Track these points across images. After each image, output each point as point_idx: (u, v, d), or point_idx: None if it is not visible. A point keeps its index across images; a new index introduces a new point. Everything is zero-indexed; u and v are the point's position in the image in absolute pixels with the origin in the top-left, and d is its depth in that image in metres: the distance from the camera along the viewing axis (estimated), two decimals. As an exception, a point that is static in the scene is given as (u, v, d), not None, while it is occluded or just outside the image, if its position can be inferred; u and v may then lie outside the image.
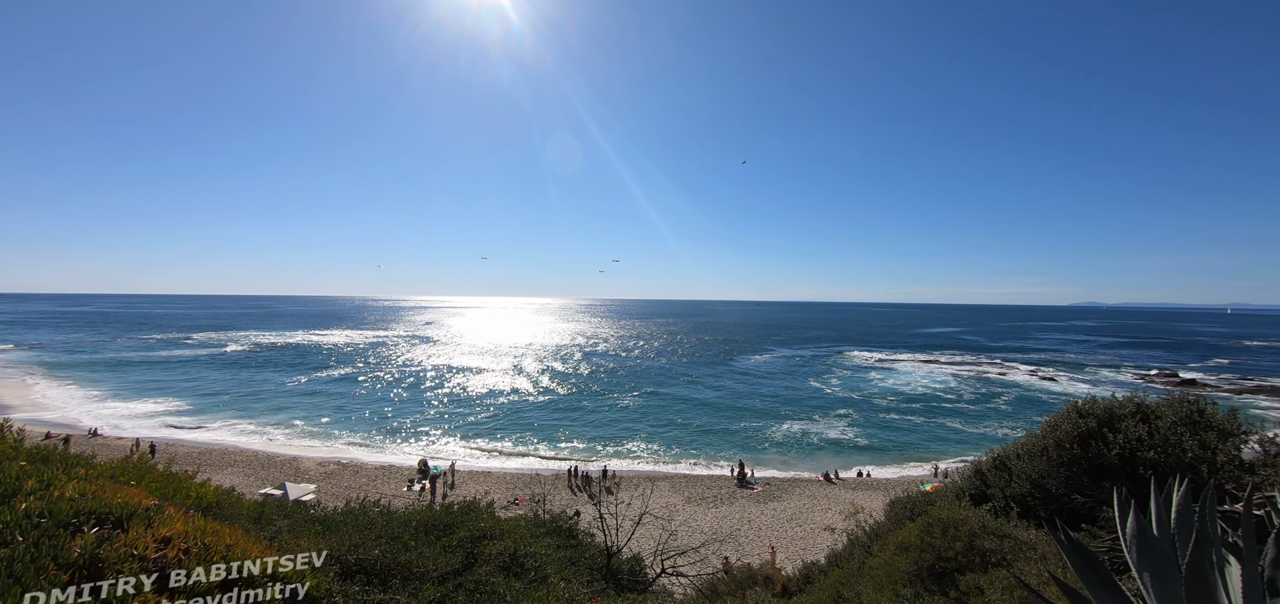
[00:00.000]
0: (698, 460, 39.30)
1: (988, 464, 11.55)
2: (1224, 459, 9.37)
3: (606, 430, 46.74)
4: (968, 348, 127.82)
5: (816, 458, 39.73)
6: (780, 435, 45.99)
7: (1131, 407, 9.60)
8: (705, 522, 27.39)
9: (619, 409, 55.06)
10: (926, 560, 8.54)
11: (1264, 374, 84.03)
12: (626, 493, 30.04)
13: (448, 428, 46.55)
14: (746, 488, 32.75)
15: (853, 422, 50.88)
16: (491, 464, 37.50)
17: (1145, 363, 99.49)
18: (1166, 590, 2.31)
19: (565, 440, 43.73)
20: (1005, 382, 77.19)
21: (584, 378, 74.83)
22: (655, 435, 45.33)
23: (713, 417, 52.32)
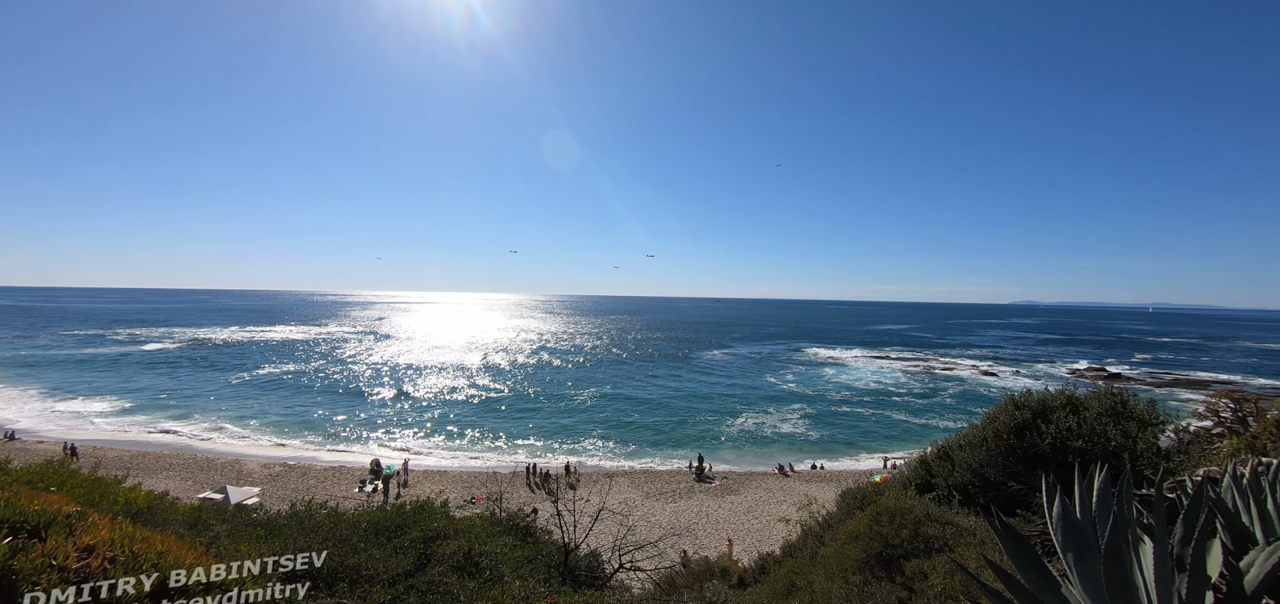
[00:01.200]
0: (656, 456, 39.57)
1: (932, 455, 12.07)
2: (1143, 447, 10.07)
3: (565, 427, 46.50)
4: (916, 344, 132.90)
5: (772, 451, 40.57)
6: (737, 430, 46.77)
7: (1062, 399, 10.21)
8: (663, 516, 27.60)
9: (578, 405, 54.84)
10: (875, 548, 8.86)
11: (1181, 368, 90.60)
12: (586, 489, 29.96)
13: (401, 426, 45.33)
14: (704, 482, 33.15)
15: (806, 416, 52.19)
16: (447, 463, 36.74)
17: (1076, 358, 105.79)
18: (1088, 569, 2.46)
19: (523, 437, 43.27)
20: (950, 376, 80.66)
21: (542, 374, 74.16)
22: (614, 431, 45.37)
23: (671, 412, 52.73)
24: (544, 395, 59.30)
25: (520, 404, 54.78)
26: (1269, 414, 10.89)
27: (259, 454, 36.83)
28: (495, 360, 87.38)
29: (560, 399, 57.47)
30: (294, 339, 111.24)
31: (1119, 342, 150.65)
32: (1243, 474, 3.19)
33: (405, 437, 42.52)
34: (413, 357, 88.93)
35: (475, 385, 64.20)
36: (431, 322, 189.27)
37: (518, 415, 50.06)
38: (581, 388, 63.89)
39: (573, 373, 76.11)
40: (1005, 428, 10.16)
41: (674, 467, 36.76)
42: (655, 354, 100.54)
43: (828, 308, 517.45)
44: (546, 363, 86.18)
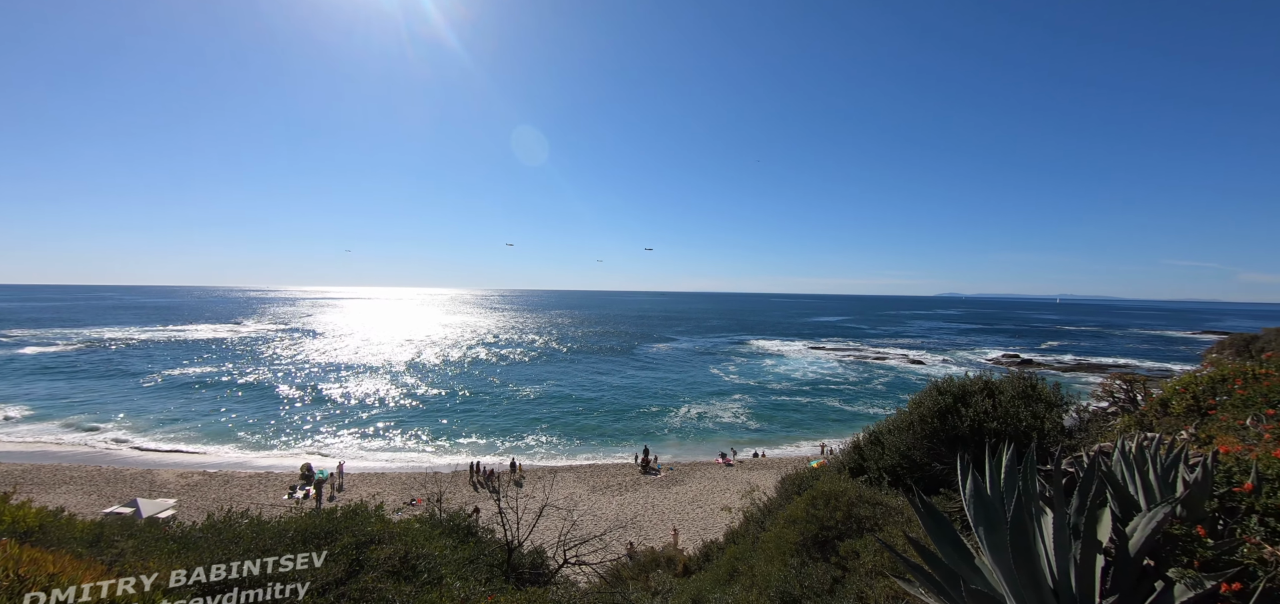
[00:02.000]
0: (602, 450, 39.60)
1: (865, 440, 12.65)
2: (1050, 426, 10.92)
3: (509, 424, 45.75)
4: (851, 335, 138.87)
5: (716, 442, 41.40)
6: (681, 422, 47.46)
7: (980, 384, 10.93)
8: (610, 509, 27.67)
9: (522, 401, 54.06)
10: (811, 531, 9.21)
11: (1083, 354, 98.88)
12: (531, 486, 29.62)
13: (336, 428, 43.25)
14: (650, 474, 33.46)
15: (748, 406, 53.60)
16: (386, 464, 35.39)
17: (993, 345, 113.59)
18: (996, 540, 2.65)
19: (466, 436, 42.25)
20: (882, 365, 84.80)
21: (485, 371, 72.60)
22: (559, 427, 45.05)
23: (616, 406, 52.87)
24: (487, 392, 58.08)
25: (462, 402, 53.42)
26: (1154, 393, 12.05)
27: (175, 463, 34.25)
28: (435, 357, 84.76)
29: (504, 396, 56.45)
30: (210, 338, 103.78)
31: (1031, 330, 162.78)
32: (1130, 448, 3.52)
33: (340, 439, 40.61)
34: (347, 355, 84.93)
35: (415, 384, 62.06)
36: (366, 318, 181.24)
37: (460, 413, 48.81)
38: (525, 384, 63.01)
39: (516, 369, 74.92)
40: (929, 412, 10.78)
41: (620, 460, 36.89)
42: (600, 349, 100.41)
43: (769, 301, 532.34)
44: (489, 359, 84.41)
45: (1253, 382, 8.13)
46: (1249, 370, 9.21)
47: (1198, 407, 8.98)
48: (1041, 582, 2.55)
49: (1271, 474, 3.08)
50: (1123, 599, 2.50)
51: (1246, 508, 2.84)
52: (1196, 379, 9.82)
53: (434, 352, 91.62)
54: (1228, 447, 4.32)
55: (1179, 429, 8.33)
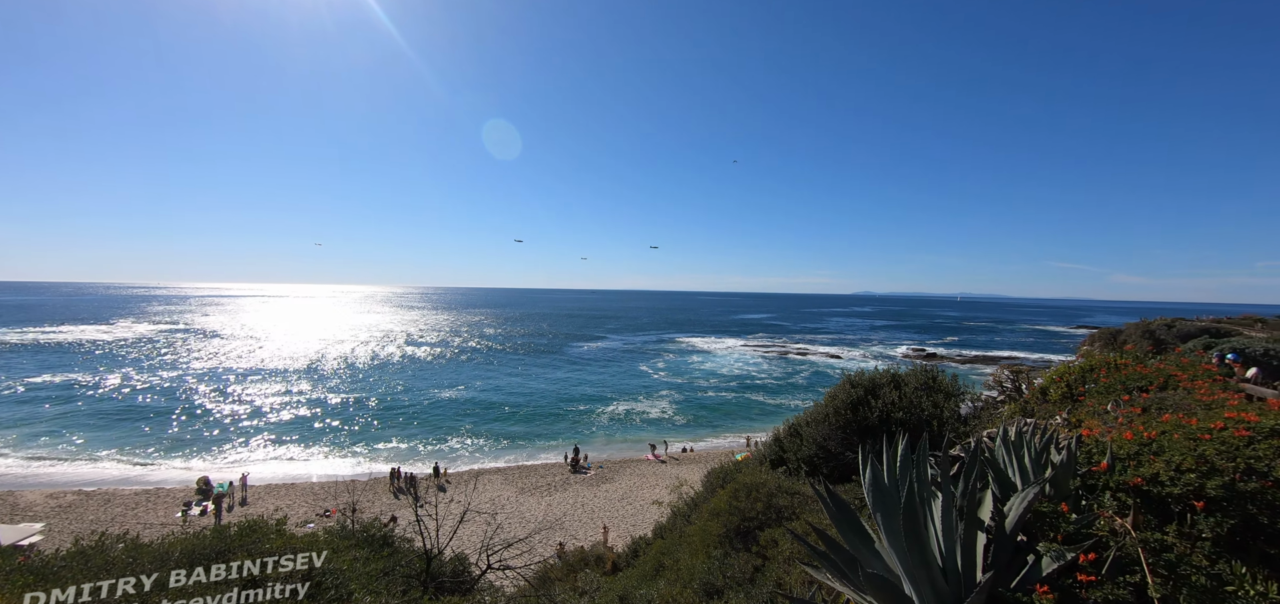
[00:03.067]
0: (530, 450, 38.96)
1: (784, 432, 13.17)
2: (949, 414, 11.79)
3: (432, 426, 44.03)
4: (776, 331, 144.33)
5: (645, 438, 41.75)
6: (611, 419, 47.55)
7: (887, 378, 11.65)
8: (538, 510, 27.28)
9: (445, 403, 52.17)
10: (734, 522, 9.48)
11: (980, 347, 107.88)
12: (456, 490, 28.68)
13: (242, 436, 39.90)
14: (580, 473, 33.29)
15: (676, 402, 54.50)
16: (298, 473, 33.08)
17: (903, 340, 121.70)
18: (892, 525, 2.82)
19: (386, 440, 40.26)
20: (804, 360, 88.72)
21: (406, 372, 69.49)
22: (485, 428, 43.89)
23: (545, 405, 52.18)
24: (408, 395, 55.56)
25: (381, 405, 50.81)
26: (1036, 383, 13.29)
27: (44, 481, 30.37)
28: (353, 359, 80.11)
29: (426, 398, 54.22)
30: (84, 339, 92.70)
31: (935, 326, 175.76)
32: (1010, 434, 3.84)
33: (244, 448, 37.52)
34: (252, 357, 78.59)
35: (329, 387, 58.37)
36: (273, 317, 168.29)
37: (379, 417, 46.43)
38: (449, 385, 60.84)
39: (439, 370, 72.20)
40: (843, 404, 11.37)
41: (549, 460, 36.44)
42: (528, 348, 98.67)
43: (698, 299, 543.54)
44: (411, 359, 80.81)
45: (1114, 371, 9.14)
46: (1112, 361, 10.35)
47: (1071, 394, 9.98)
48: (931, 562, 2.74)
49: (1124, 454, 3.47)
50: (1000, 573, 2.73)
51: (1102, 485, 3.18)
52: (1070, 369, 10.92)
53: (351, 353, 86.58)
54: (1089, 430, 4.83)
55: (1054, 415, 9.23)
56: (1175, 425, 3.78)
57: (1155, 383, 7.55)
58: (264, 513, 9.30)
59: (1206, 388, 6.36)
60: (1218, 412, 4.15)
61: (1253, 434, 3.54)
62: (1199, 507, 2.95)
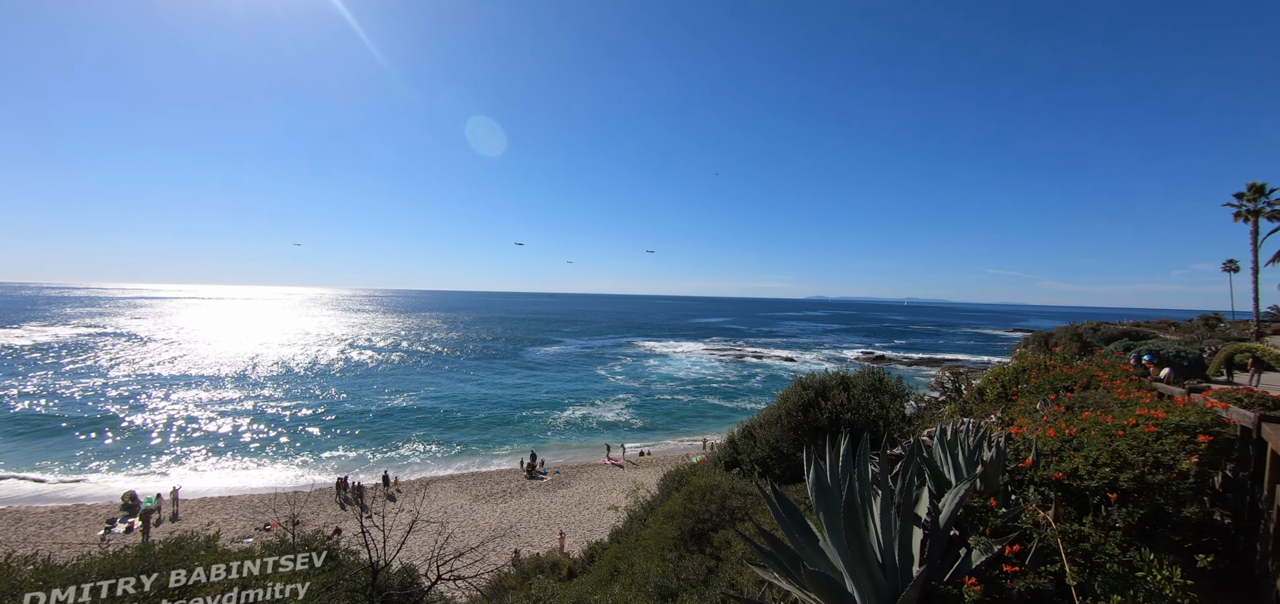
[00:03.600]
0: (485, 456, 38.21)
1: (739, 434, 13.37)
2: (894, 415, 12.21)
3: (382, 434, 42.59)
4: (732, 335, 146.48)
5: (603, 442, 41.58)
6: (568, 424, 47.16)
7: (837, 380, 11.99)
8: (493, 518, 26.77)
9: (397, 409, 50.56)
10: (688, 524, 9.55)
11: (925, 350, 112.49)
12: (407, 500, 27.81)
13: (174, 447, 37.50)
14: (536, 478, 32.86)
15: (633, 405, 54.55)
16: (236, 485, 31.36)
17: (853, 344, 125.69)
18: (834, 523, 2.90)
19: (333, 449, 38.69)
20: (759, 363, 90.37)
21: (355, 377, 67.03)
22: (438, 435, 42.75)
23: (501, 410, 51.30)
24: (357, 401, 53.57)
25: (328, 412, 48.80)
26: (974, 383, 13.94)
27: (-59, 499, 27.77)
28: (297, 364, 76.68)
29: (376, 404, 52.40)
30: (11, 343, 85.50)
31: (883, 329, 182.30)
32: (946, 432, 4.02)
33: (176, 460, 35.28)
34: (187, 363, 74.12)
35: (272, 394, 55.67)
36: (211, 321, 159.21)
37: (325, 425, 44.57)
38: (400, 390, 59.00)
39: (390, 374, 69.95)
40: (795, 406, 11.64)
41: (504, 466, 35.82)
42: (482, 352, 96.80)
43: (655, 302, 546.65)
44: (358, 364, 78.00)
45: (1043, 372, 9.68)
46: (1041, 362, 10.96)
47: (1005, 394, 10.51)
48: (871, 557, 2.83)
49: (1047, 450, 3.69)
50: (934, 566, 2.85)
51: (1027, 480, 3.37)
52: (1004, 371, 11.51)
53: (295, 358, 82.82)
54: (1018, 429, 5.12)
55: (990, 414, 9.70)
56: (1093, 423, 4.05)
57: (1079, 383, 8.06)
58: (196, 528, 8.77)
59: (1123, 387, 6.83)
60: (1131, 409, 4.46)
61: (1160, 430, 3.83)
62: (1113, 498, 3.16)
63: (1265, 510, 3.83)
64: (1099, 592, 2.66)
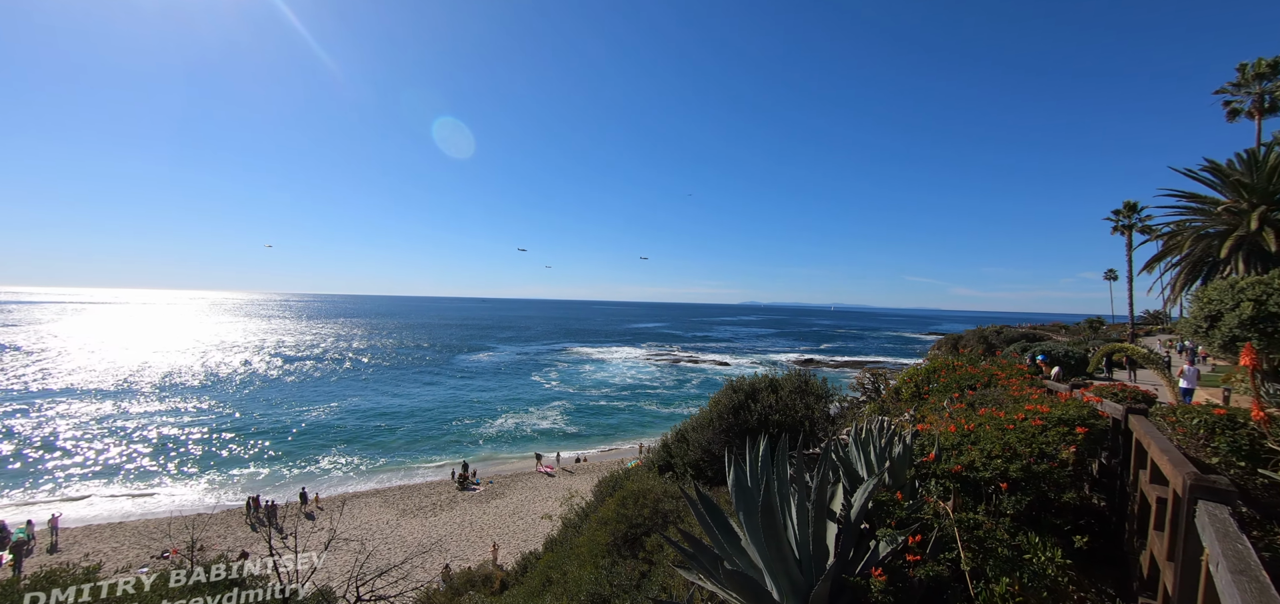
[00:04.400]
0: (414, 469, 36.66)
1: (672, 438, 13.52)
2: (820, 415, 12.73)
3: (299, 447, 39.96)
4: (668, 340, 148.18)
5: (538, 450, 40.93)
6: (501, 432, 46.09)
7: (766, 383, 12.38)
8: (421, 532, 25.71)
9: (316, 421, 47.63)
10: (621, 530, 9.55)
11: (852, 353, 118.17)
12: (328, 517, 26.25)
13: (57, 471, 33.48)
14: (468, 489, 31.87)
15: (569, 412, 54.03)
16: (129, 510, 28.46)
17: (784, 347, 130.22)
18: (753, 523, 2.99)
19: (243, 466, 35.91)
20: (695, 367, 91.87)
21: (271, 387, 62.62)
22: (362, 447, 40.61)
23: (431, 419, 49.42)
24: (269, 413, 49.99)
25: (238, 426, 45.27)
26: (892, 383, 14.76)
27: None
28: (206, 374, 70.63)
29: (290, 416, 49.09)
30: None
31: (812, 333, 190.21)
32: (861, 431, 4.23)
33: (59, 485, 31.60)
34: (71, 375, 66.53)
35: (171, 408, 50.97)
36: (100, 328, 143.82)
37: (234, 440, 41.31)
38: (318, 401, 55.56)
39: (307, 385, 65.80)
40: (726, 409, 11.91)
41: (434, 478, 34.50)
42: (411, 360, 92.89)
43: (592, 308, 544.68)
44: (273, 374, 72.89)
45: (951, 372, 10.38)
46: (950, 363, 11.75)
47: (918, 393, 11.19)
48: (788, 554, 2.93)
49: (948, 445, 3.97)
50: (845, 560, 2.99)
51: (930, 473, 3.61)
52: (918, 371, 12.25)
53: (199, 368, 76.23)
54: (925, 425, 5.47)
55: (904, 411, 10.30)
56: (989, 418, 4.39)
57: (982, 381, 8.71)
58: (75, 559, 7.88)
59: (1018, 385, 7.45)
60: (1021, 405, 4.88)
61: (1045, 423, 4.20)
62: (1004, 488, 3.44)
63: (1131, 493, 4.28)
64: (991, 575, 2.88)
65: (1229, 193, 18.42)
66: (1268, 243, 16.55)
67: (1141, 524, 3.95)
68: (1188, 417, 4.53)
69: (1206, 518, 2.09)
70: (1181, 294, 19.50)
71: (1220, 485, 2.28)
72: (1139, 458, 4.18)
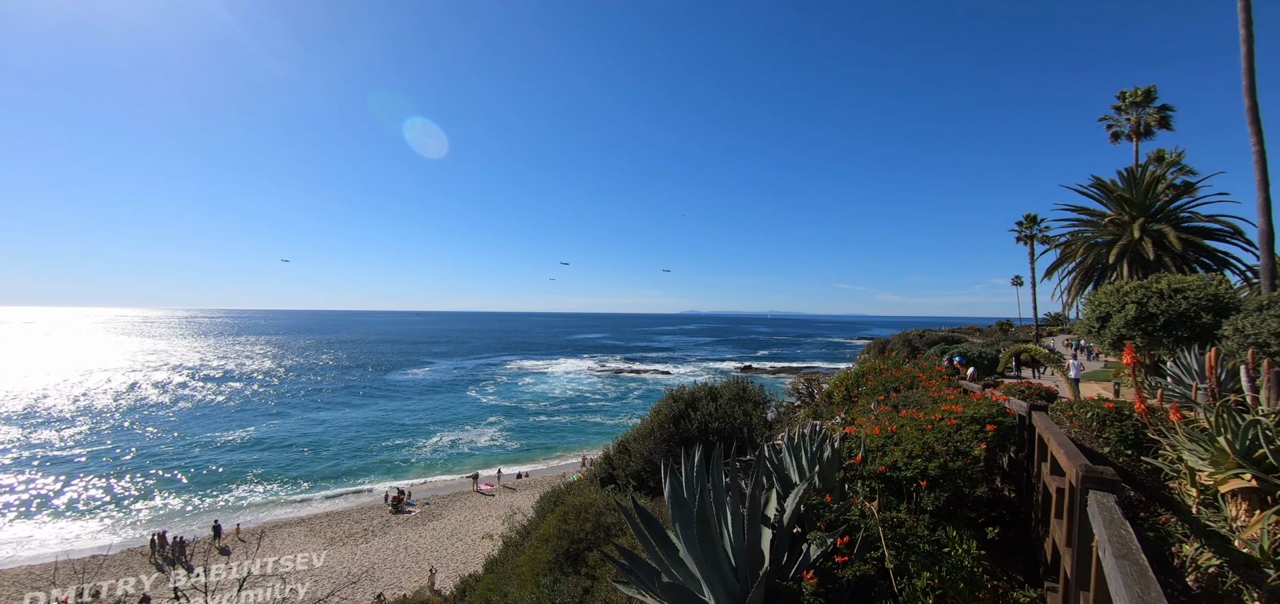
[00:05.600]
0: (343, 494, 34.71)
1: (614, 449, 13.47)
2: (757, 421, 13.03)
3: (213, 477, 36.98)
4: (610, 351, 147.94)
5: (476, 468, 39.74)
6: (434, 451, 44.45)
7: (705, 391, 12.57)
8: (351, 561, 24.36)
9: (231, 448, 44.23)
10: (563, 546, 9.39)
11: (788, 360, 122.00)
12: (246, 551, 24.41)
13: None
14: (403, 513, 30.49)
15: (508, 428, 52.83)
16: (14, 554, 25.40)
17: (724, 355, 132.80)
18: (689, 533, 3.00)
19: (147, 499, 32.82)
20: (637, 377, 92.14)
21: (177, 412, 57.62)
22: (285, 474, 38.06)
23: (363, 441, 47.01)
24: (178, 440, 45.99)
25: (140, 455, 41.34)
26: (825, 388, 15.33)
27: None
28: (95, 398, 64.08)
29: (202, 442, 45.37)
30: None
31: (750, 341, 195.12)
32: (794, 436, 4.35)
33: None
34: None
35: (62, 436, 45.92)
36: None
37: (137, 470, 37.68)
38: (235, 425, 51.71)
39: (221, 408, 61.09)
40: (667, 418, 11.99)
41: (365, 502, 32.81)
42: (339, 379, 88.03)
43: (532, 319, 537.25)
44: (184, 397, 67.19)
45: (878, 375, 10.89)
46: (877, 367, 12.33)
47: (849, 396, 11.65)
48: (723, 563, 2.97)
49: (873, 447, 4.15)
50: (780, 564, 3.06)
51: (857, 475, 3.76)
52: (848, 375, 12.77)
53: (94, 391, 69.13)
54: (853, 428, 5.72)
55: (836, 415, 10.70)
56: (910, 419, 4.64)
57: (906, 384, 9.18)
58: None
59: (937, 386, 7.91)
60: (939, 405, 5.18)
61: (960, 422, 4.47)
62: (924, 486, 3.63)
63: (1036, 484, 4.62)
64: (913, 570, 3.03)
65: (1113, 207, 20.45)
66: (1147, 251, 18.48)
67: (1045, 513, 4.27)
68: (1083, 410, 4.96)
69: (1095, 506, 2.28)
70: (1077, 297, 21.44)
71: (1107, 476, 2.50)
72: (1041, 452, 4.52)
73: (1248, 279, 18.92)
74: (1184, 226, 19.62)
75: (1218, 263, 19.39)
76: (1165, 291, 12.74)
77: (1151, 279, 13.58)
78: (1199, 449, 3.54)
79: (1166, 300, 12.56)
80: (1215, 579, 3.00)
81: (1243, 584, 2.79)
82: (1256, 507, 3.08)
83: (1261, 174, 12.67)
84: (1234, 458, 3.24)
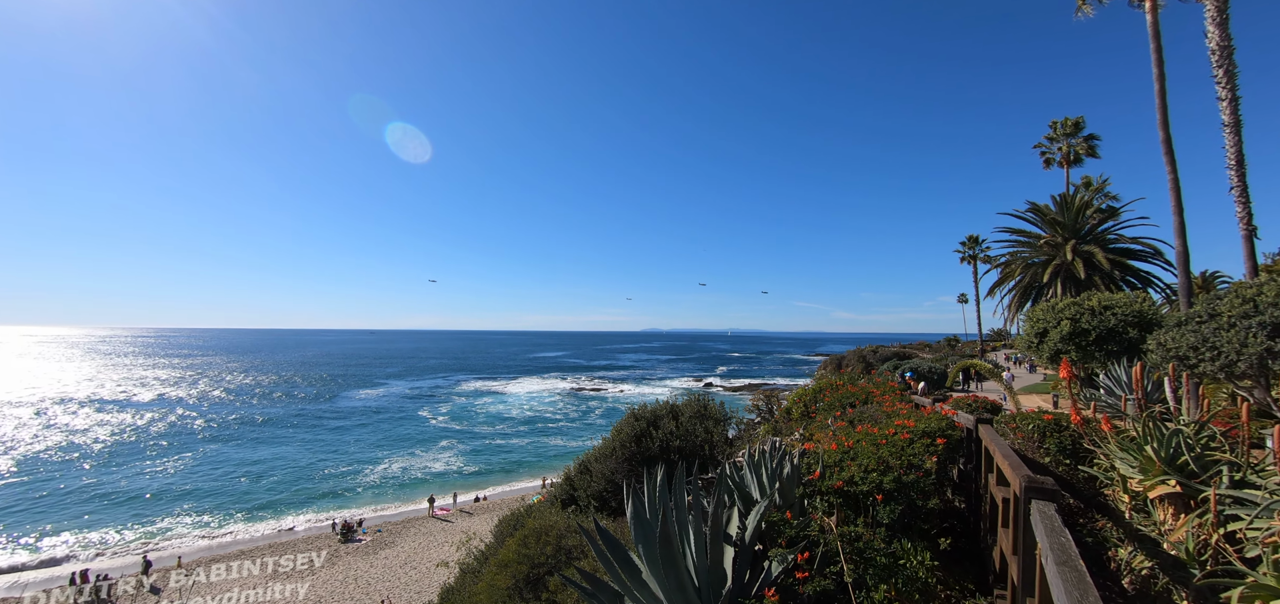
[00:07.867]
0: (287, 524, 32.97)
1: (575, 470, 13.29)
2: (718, 438, 13.11)
3: (143, 507, 34.49)
4: (570, 369, 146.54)
5: (431, 493, 38.49)
6: (384, 477, 42.74)
7: (667, 409, 12.58)
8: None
9: (164, 476, 41.39)
10: (523, 571, 9.16)
11: (748, 376, 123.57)
12: (178, 588, 22.82)
13: None
14: (353, 541, 29.18)
15: (464, 451, 51.32)
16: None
17: (685, 373, 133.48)
18: (651, 553, 2.99)
19: (67, 531, 30.34)
20: (598, 396, 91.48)
21: (105, 439, 53.66)
22: (222, 503, 35.86)
23: (306, 467, 44.76)
24: (103, 468, 42.74)
25: (60, 486, 38.25)
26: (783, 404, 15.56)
27: None
28: (30, 424, 59.11)
29: (131, 471, 42.24)
30: None
31: (711, 358, 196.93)
32: (754, 453, 4.39)
33: None
34: None
35: (-33, 473, 42.09)
36: None
37: (56, 501, 34.85)
38: (168, 453, 48.31)
39: (152, 433, 57.19)
40: (628, 437, 11.93)
41: (312, 532, 31.26)
42: (286, 398, 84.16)
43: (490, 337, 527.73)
44: (109, 422, 62.65)
45: (834, 391, 11.14)
46: (833, 383, 12.60)
47: (807, 412, 11.86)
48: (686, 583, 2.96)
49: (830, 462, 4.24)
50: (742, 582, 3.07)
51: (815, 491, 3.83)
52: (805, 392, 13.01)
53: (28, 416, 63.82)
54: (811, 444, 5.83)
55: (794, 431, 10.87)
56: (865, 435, 4.76)
57: (861, 399, 9.43)
58: None
59: (890, 401, 8.16)
60: (892, 420, 5.35)
61: (912, 436, 4.61)
62: (879, 499, 3.72)
63: (984, 495, 4.81)
64: (870, 583, 3.09)
65: (1047, 229, 21.73)
66: (1078, 270, 19.67)
67: (992, 523, 4.44)
68: (1025, 422, 5.20)
69: (1038, 516, 2.40)
70: (1017, 314, 22.62)
71: (1048, 486, 2.62)
72: (987, 463, 4.72)
73: (1168, 296, 20.40)
74: (1111, 248, 21.06)
75: (1141, 281, 20.85)
76: (1096, 308, 13.58)
77: (1084, 297, 14.47)
78: (1129, 457, 3.77)
79: (1097, 317, 13.39)
80: (1148, 580, 3.18)
81: (1172, 584, 2.97)
82: (1181, 511, 3.30)
83: (1176, 200, 13.74)
84: (1160, 465, 3.47)
